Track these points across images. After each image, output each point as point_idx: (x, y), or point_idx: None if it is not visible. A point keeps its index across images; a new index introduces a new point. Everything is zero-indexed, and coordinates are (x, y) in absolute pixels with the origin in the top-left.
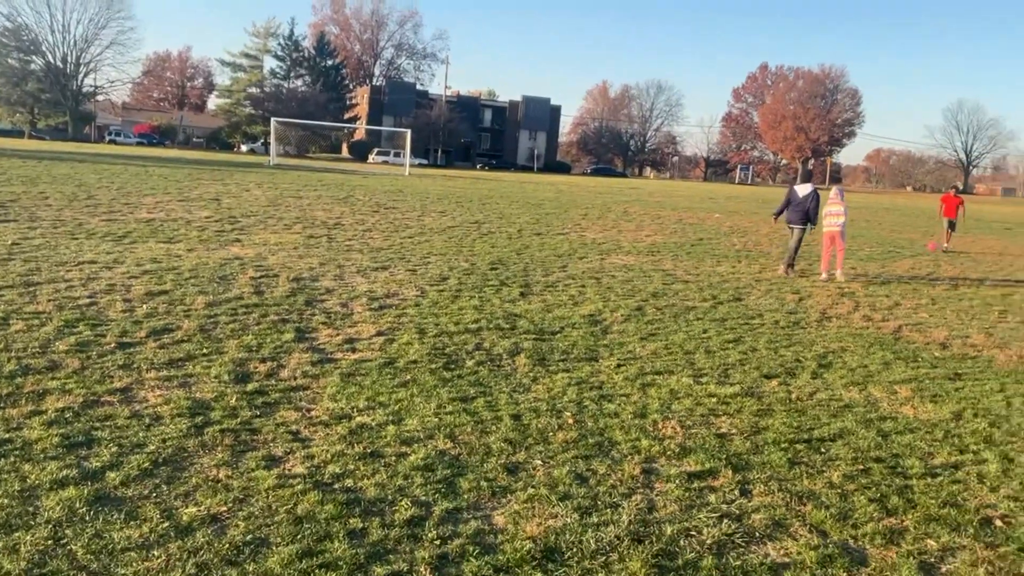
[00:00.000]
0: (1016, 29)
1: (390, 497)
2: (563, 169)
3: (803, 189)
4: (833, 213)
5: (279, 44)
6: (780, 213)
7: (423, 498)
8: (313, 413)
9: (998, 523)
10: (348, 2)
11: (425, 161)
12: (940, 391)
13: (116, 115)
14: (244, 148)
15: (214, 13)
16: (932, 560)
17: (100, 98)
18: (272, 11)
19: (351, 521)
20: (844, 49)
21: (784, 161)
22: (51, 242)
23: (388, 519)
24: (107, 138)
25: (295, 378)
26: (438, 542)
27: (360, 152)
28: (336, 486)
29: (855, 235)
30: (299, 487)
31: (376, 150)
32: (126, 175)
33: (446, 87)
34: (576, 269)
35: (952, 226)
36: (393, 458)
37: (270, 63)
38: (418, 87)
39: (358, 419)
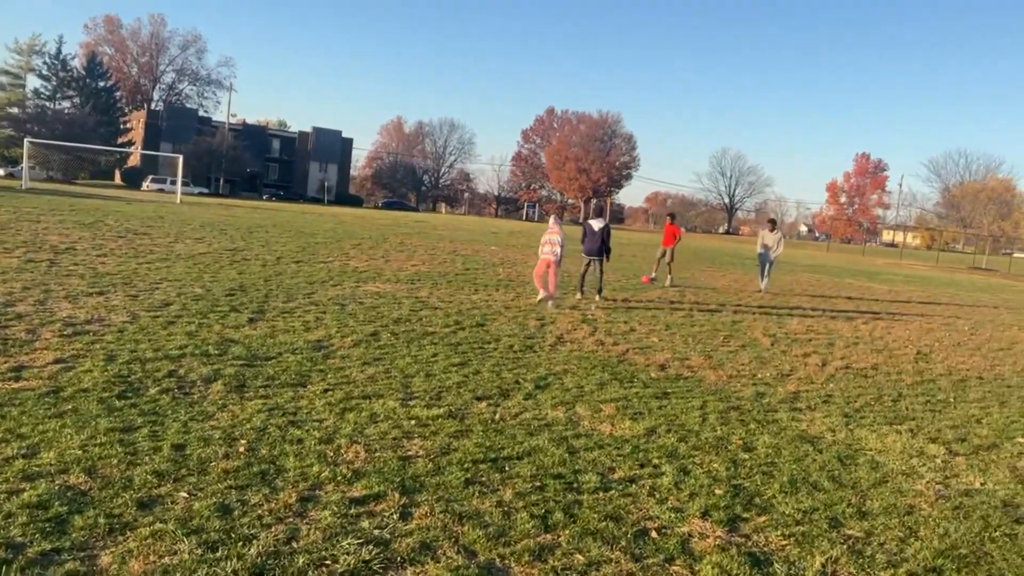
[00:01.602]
0: (771, 83)
1: None
2: (355, 202)
3: (597, 224)
4: (551, 242)
5: (44, 63)
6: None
7: (19, 539)
8: None
9: (653, 534)
10: (125, 23)
11: (206, 190)
12: (643, 409)
13: None
14: (2, 172)
15: None
16: (575, 575)
17: None
18: (37, 28)
19: None
20: (622, 96)
21: (570, 200)
22: None
23: None
24: None
25: None
26: None
27: (134, 179)
28: None
29: (618, 267)
30: None
31: (151, 177)
32: None
33: (230, 115)
34: (323, 296)
35: (670, 256)
36: (3, 496)
37: (34, 82)
38: (201, 114)
39: None
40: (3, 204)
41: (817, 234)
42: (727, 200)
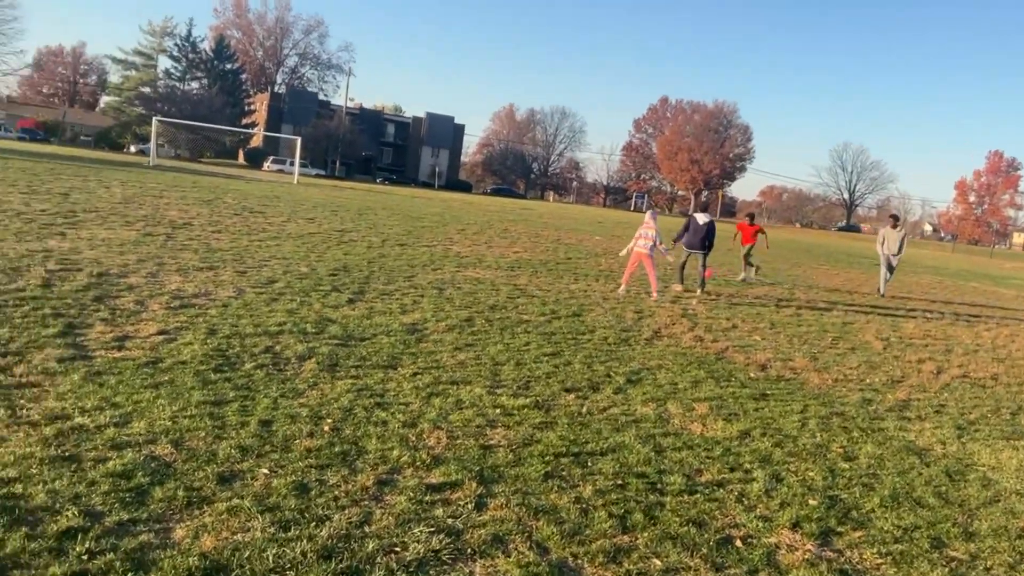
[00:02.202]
0: (898, 77)
1: (57, 505)
2: (464, 188)
3: (703, 218)
4: (645, 236)
5: (175, 44)
6: (680, 239)
7: (98, 507)
8: (26, 412)
9: (737, 543)
10: (252, 7)
11: (323, 172)
12: (739, 410)
13: (1, 108)
14: (134, 149)
15: (110, 9)
16: None
17: None
18: (170, 10)
19: None
20: (738, 85)
21: (680, 192)
22: None
23: (40, 529)
24: None
25: (29, 374)
26: (84, 557)
27: (256, 159)
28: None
29: (723, 262)
30: None
31: (272, 158)
32: None
33: (348, 99)
34: (423, 279)
35: (747, 255)
36: (90, 463)
37: (165, 63)
38: (320, 97)
39: (76, 420)
40: (130, 180)
41: (943, 234)
42: (847, 196)
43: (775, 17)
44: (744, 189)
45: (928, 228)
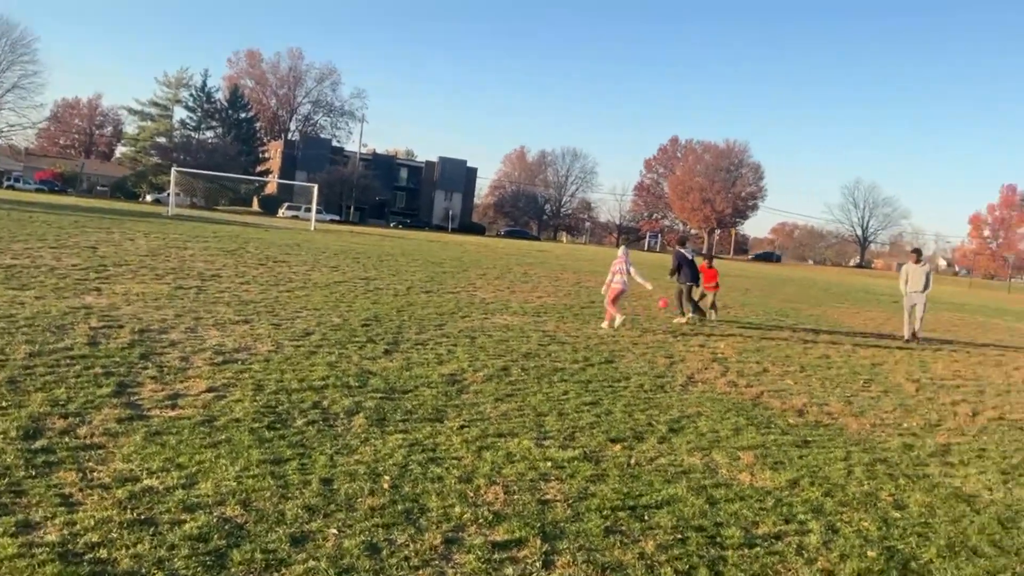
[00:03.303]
0: (908, 111)
1: (143, 570)
2: (477, 230)
3: (689, 253)
4: (621, 271)
5: (191, 95)
6: (675, 272)
7: (182, 572)
8: (96, 474)
9: None
10: (265, 57)
11: (337, 217)
12: (784, 458)
13: (19, 161)
14: (149, 198)
15: (126, 61)
16: None
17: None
18: (186, 62)
19: None
20: (749, 124)
21: (693, 231)
22: None
23: None
24: (4, 183)
25: (93, 435)
26: None
27: (271, 206)
28: (86, 557)
29: (745, 303)
30: (41, 557)
31: (287, 204)
32: (6, 220)
33: (361, 144)
34: (453, 328)
35: (711, 298)
36: (167, 526)
37: (180, 113)
38: (334, 143)
39: (145, 482)
40: (153, 231)
41: (957, 268)
42: (859, 232)
43: (783, 56)
44: (756, 227)
45: (943, 262)
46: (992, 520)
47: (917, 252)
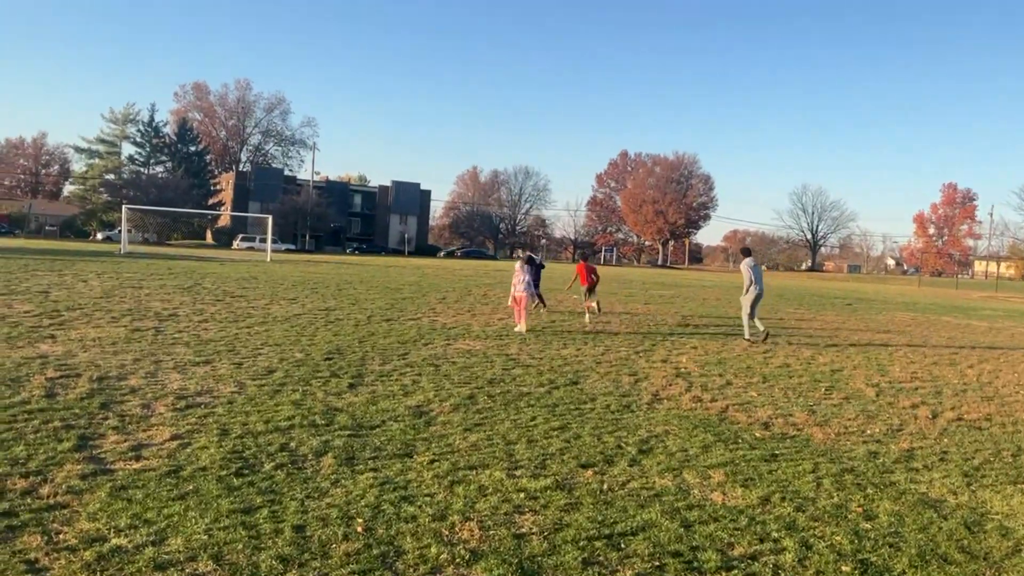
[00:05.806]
0: (848, 116)
1: None
2: (434, 252)
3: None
4: (520, 281)
5: (138, 130)
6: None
7: None
8: (62, 536)
9: None
10: (213, 89)
11: (292, 246)
12: (754, 474)
13: None
14: (100, 236)
15: (70, 99)
16: None
17: None
18: (131, 97)
19: None
20: (696, 136)
21: (647, 242)
22: None
23: None
24: None
25: (56, 495)
26: None
27: (224, 238)
28: None
29: (703, 314)
30: None
31: (241, 236)
32: None
33: (314, 172)
34: (417, 356)
35: (591, 291)
36: None
37: (129, 149)
38: (286, 172)
39: (113, 541)
40: (106, 271)
41: (906, 267)
42: (809, 236)
43: (725, 66)
44: (709, 235)
45: (891, 262)
46: (959, 525)
47: (747, 251)
